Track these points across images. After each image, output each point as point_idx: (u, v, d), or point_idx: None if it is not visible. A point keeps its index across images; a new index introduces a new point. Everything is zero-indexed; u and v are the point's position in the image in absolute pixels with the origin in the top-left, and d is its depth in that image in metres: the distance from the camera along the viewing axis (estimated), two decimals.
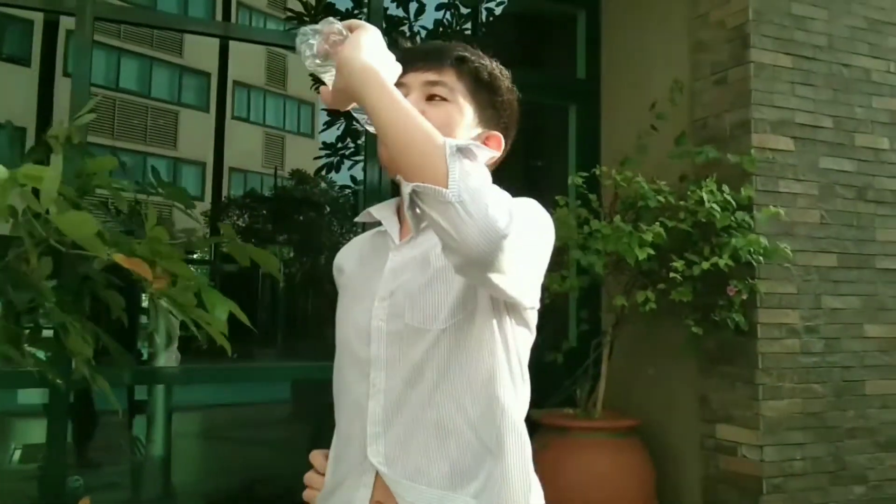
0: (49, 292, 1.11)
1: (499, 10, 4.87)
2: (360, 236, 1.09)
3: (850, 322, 2.81)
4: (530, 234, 0.86)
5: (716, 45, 2.90)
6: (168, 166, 18.73)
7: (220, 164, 11.45)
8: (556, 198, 2.74)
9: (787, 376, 2.66)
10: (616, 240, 2.49)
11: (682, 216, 2.57)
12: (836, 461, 2.71)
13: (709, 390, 2.79)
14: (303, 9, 4.97)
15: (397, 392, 0.89)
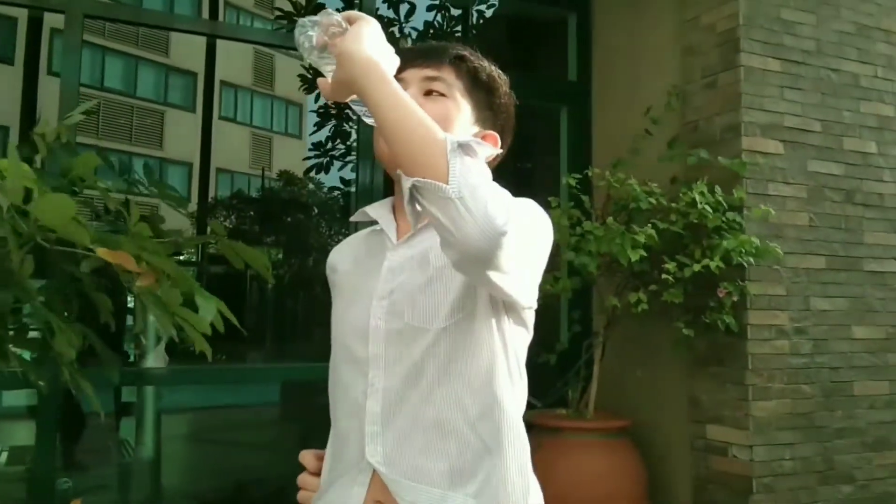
0: (34, 291, 1.08)
1: (489, 13, 4.87)
2: (354, 235, 1.08)
3: (839, 323, 2.84)
4: (529, 234, 0.86)
5: (706, 49, 2.92)
6: (154, 167, 18.55)
7: (206, 165, 11.34)
8: (549, 199, 2.74)
9: (777, 377, 2.68)
10: (608, 241, 2.50)
11: (674, 218, 2.58)
12: (824, 461, 2.74)
13: (699, 391, 2.80)
14: (292, 8, 4.94)
15: (396, 391, 0.89)
